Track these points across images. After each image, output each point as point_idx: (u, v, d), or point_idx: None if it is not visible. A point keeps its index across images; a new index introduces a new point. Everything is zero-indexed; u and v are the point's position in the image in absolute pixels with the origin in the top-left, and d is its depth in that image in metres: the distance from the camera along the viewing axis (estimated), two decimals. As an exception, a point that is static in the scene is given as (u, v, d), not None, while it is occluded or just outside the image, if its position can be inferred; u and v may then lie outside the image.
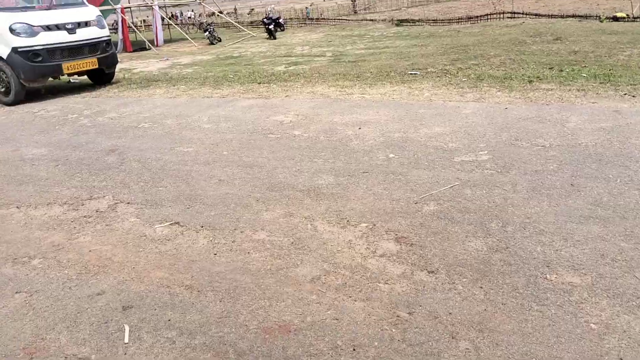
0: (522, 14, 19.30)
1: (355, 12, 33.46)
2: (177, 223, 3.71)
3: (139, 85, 9.56)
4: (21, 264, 3.37)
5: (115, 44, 22.55)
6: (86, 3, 9.66)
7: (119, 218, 3.88)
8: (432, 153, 4.57)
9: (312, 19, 27.32)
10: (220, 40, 22.07)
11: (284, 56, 15.41)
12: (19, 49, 8.30)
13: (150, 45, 20.88)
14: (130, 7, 27.17)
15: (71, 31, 8.75)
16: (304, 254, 3.12)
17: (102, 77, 9.93)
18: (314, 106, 6.63)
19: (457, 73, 8.45)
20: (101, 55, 9.36)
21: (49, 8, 8.92)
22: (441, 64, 10.84)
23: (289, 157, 4.79)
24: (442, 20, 21.53)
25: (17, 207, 4.24)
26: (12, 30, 8.25)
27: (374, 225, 3.41)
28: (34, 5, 9.08)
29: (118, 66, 17.96)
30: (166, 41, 24.07)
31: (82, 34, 8.96)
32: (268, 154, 4.94)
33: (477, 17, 20.55)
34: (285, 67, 12.75)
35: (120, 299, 2.83)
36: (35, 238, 3.69)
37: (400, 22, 22.16)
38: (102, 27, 9.45)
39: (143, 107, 7.49)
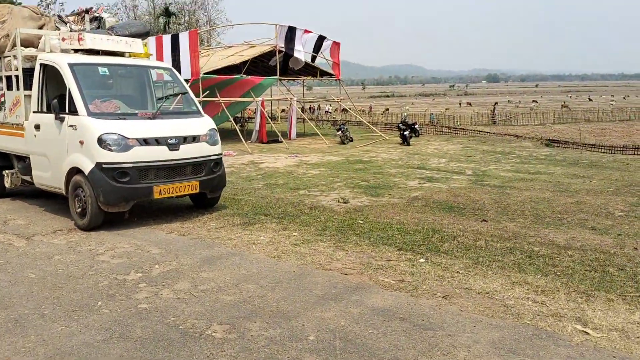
0: None
1: (494, 123, 30.14)
2: None
3: (243, 221, 6.91)
4: None
5: (251, 133, 21.61)
6: (201, 112, 7.40)
7: None
8: None
9: (449, 127, 24.51)
10: (351, 140, 20.06)
11: (418, 168, 12.88)
12: (104, 165, 6.17)
13: (282, 138, 19.38)
14: (271, 100, 26.47)
15: (173, 147, 6.54)
16: None
17: (203, 200, 7.55)
18: (501, 339, 3.55)
19: None
20: (205, 178, 6.98)
21: (153, 117, 6.81)
22: (620, 209, 7.71)
23: None
24: (601, 146, 17.47)
25: None
26: (100, 142, 6.15)
27: None
28: (136, 112, 7.01)
29: (246, 158, 16.30)
30: (299, 134, 22.66)
31: (187, 151, 6.70)
32: None
33: (646, 146, 16.30)
34: (419, 184, 10.34)
35: None
36: None
37: (550, 143, 18.51)
38: (214, 143, 7.15)
39: (231, 276, 4.79)
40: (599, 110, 38.93)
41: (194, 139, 6.82)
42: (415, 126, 21.50)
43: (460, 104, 62.16)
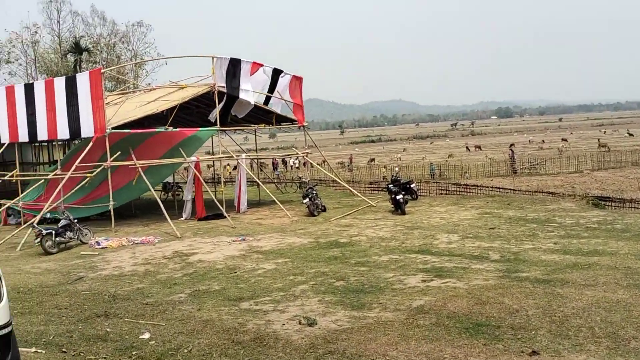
0: None
1: (515, 172, 29.38)
2: None
3: None
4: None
5: (183, 206, 19.97)
6: None
7: None
8: None
9: (458, 184, 23.53)
10: (324, 210, 18.82)
11: (419, 252, 11.90)
12: None
13: (226, 213, 17.86)
14: (213, 159, 25.17)
15: None
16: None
17: None
18: None
19: None
20: None
21: None
22: None
23: None
24: (671, 202, 16.52)
25: None
26: None
27: None
28: None
29: (172, 247, 14.13)
30: (252, 204, 21.28)
31: None
32: None
33: None
34: (424, 281, 9.46)
35: None
36: None
37: (599, 202, 17.47)
38: None
39: None
40: (648, 150, 38.80)
41: None
42: (412, 186, 20.42)
43: (467, 147, 62.16)
